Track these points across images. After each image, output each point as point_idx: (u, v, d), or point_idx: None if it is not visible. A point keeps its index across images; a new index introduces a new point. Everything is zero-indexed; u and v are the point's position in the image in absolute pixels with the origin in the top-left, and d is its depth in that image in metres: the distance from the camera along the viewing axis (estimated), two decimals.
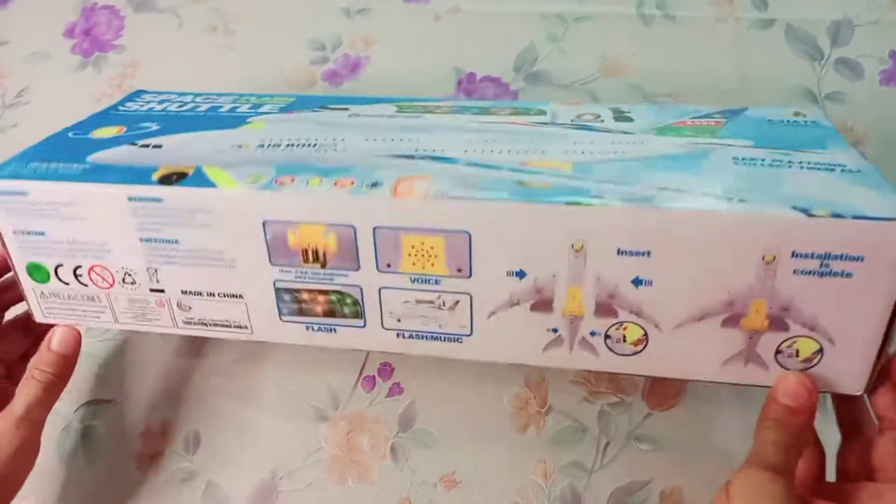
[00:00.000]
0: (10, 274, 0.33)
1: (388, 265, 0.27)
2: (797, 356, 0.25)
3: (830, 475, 0.29)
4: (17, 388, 0.32)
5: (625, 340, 0.27)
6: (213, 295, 0.30)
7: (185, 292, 0.30)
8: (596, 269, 0.25)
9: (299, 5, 0.46)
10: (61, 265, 0.31)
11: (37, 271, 0.31)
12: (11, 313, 0.37)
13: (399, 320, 0.29)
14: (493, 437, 0.37)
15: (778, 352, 0.26)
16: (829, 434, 0.29)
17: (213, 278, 0.30)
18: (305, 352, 0.39)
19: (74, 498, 0.38)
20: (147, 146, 0.31)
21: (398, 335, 0.29)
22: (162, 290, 0.31)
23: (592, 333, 0.27)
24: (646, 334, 0.26)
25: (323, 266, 0.28)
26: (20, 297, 0.33)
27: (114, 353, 0.41)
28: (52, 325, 0.33)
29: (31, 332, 0.36)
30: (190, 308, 0.31)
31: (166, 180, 0.28)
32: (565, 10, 0.45)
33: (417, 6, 0.46)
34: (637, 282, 0.25)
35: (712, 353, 0.26)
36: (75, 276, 0.31)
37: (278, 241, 0.28)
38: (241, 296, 0.30)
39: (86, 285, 0.31)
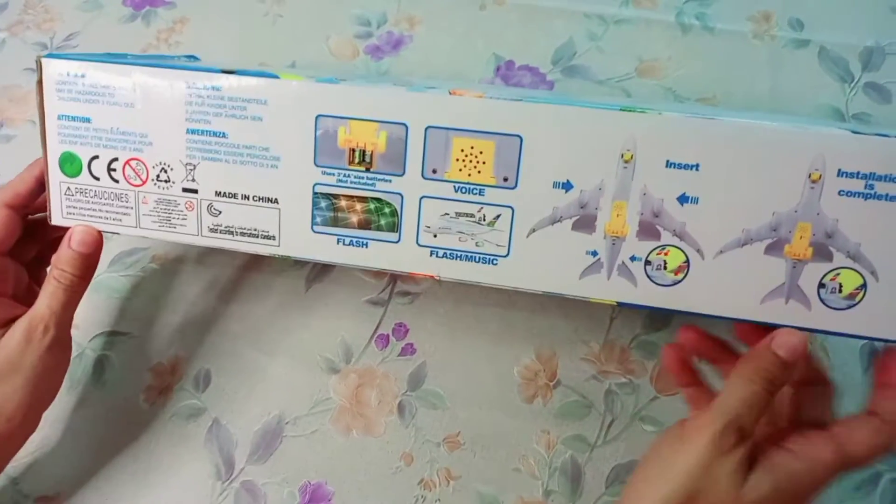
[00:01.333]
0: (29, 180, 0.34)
1: (434, 171, 0.29)
2: (840, 291, 0.27)
3: None
4: (42, 288, 0.33)
5: (665, 268, 0.28)
6: (248, 198, 0.31)
7: (219, 194, 0.32)
8: (643, 182, 0.27)
9: None
10: (97, 157, 0.32)
11: (69, 163, 0.33)
12: None
13: (435, 236, 0.30)
14: (499, 404, 0.39)
15: (821, 286, 0.27)
16: None
17: (252, 179, 0.31)
18: (324, 304, 0.41)
19: (81, 423, 0.39)
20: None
21: (432, 253, 0.30)
22: (195, 191, 0.32)
23: (633, 258, 0.28)
24: (687, 261, 0.28)
25: (368, 169, 0.29)
26: (41, 208, 0.35)
27: (134, 289, 0.42)
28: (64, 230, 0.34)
29: (42, 238, 0.37)
30: (219, 213, 0.32)
31: (229, 72, 0.30)
32: (607, 11, 0.49)
33: None
34: (683, 199, 0.27)
35: (753, 286, 0.27)
36: (109, 170, 0.32)
37: (328, 138, 0.29)
38: (276, 200, 0.31)
39: (117, 181, 0.33)
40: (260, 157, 0.31)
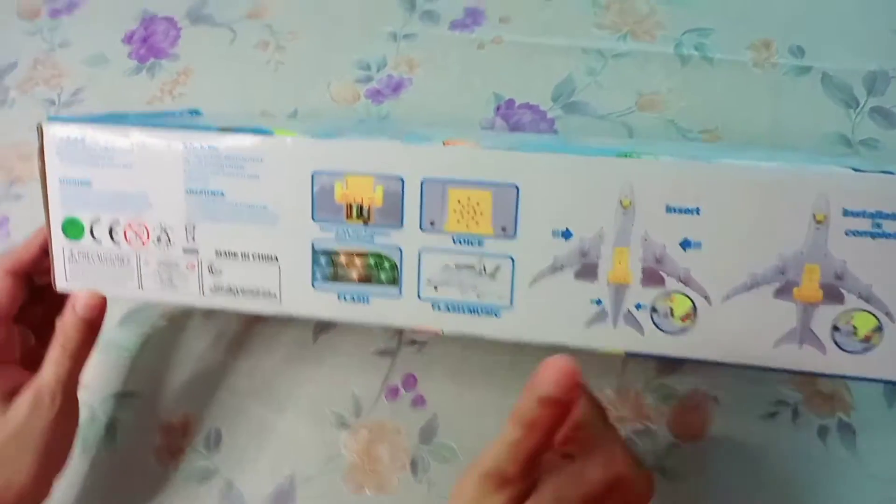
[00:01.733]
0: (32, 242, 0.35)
1: (432, 223, 0.29)
2: (855, 334, 0.26)
3: None
4: (47, 355, 0.33)
5: (672, 314, 0.27)
6: (248, 257, 0.31)
7: (220, 253, 0.32)
8: (643, 228, 0.26)
9: (348, 28, 0.51)
10: (98, 220, 0.33)
11: (72, 227, 0.33)
12: None
13: (436, 288, 0.30)
14: None
15: (835, 329, 0.26)
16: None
17: (251, 237, 0.31)
18: (332, 356, 0.41)
19: (93, 488, 0.40)
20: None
21: (434, 307, 0.30)
22: (195, 251, 0.32)
23: (638, 307, 0.28)
24: (694, 307, 0.27)
25: (366, 223, 0.29)
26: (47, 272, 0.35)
27: (143, 346, 0.43)
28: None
29: (48, 300, 0.37)
30: (220, 272, 0.32)
31: (225, 130, 0.30)
32: (605, 46, 0.49)
33: (461, 34, 0.50)
34: (685, 244, 0.26)
35: (764, 331, 0.27)
36: (110, 233, 0.33)
37: (325, 194, 0.29)
38: (276, 258, 0.31)
39: (118, 244, 0.33)
40: (258, 215, 0.31)
